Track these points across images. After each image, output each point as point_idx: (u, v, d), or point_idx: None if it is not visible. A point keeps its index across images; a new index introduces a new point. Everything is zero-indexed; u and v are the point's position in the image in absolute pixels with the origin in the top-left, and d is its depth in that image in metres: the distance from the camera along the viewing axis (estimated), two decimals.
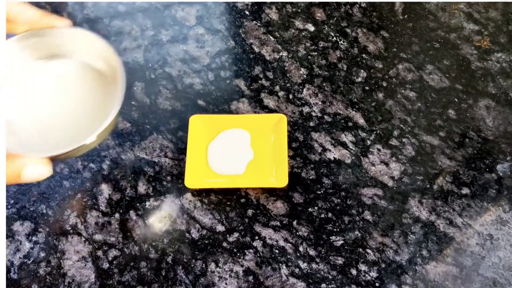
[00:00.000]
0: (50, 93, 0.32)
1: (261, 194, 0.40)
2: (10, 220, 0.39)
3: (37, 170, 0.29)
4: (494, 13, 0.49)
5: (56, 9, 0.49)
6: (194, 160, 0.41)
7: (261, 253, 0.38)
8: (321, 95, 0.44)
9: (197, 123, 0.42)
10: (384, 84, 0.45)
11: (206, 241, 0.38)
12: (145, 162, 0.41)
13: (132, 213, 0.39)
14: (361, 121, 0.43)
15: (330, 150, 0.42)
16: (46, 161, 0.29)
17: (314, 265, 0.37)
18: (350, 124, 0.43)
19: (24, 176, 0.28)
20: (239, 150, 0.42)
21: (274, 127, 0.42)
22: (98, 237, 0.38)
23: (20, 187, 0.40)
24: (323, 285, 0.36)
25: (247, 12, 0.49)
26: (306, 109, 0.44)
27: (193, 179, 0.39)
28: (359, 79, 0.45)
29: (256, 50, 0.47)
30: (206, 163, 0.41)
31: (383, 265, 0.37)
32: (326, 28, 0.48)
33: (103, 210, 0.39)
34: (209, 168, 0.41)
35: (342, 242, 0.38)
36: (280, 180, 0.39)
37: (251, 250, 0.38)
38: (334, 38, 0.47)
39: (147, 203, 0.39)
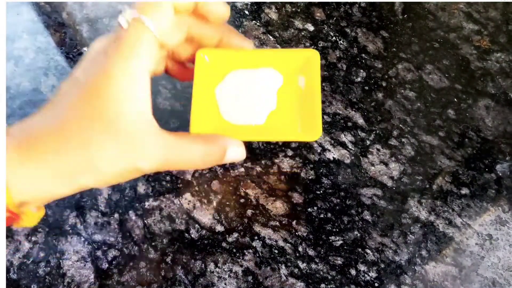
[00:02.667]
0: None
1: (260, 194, 0.40)
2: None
3: (239, 151, 0.31)
4: (494, 12, 0.49)
5: (56, 9, 0.49)
6: (201, 105, 0.33)
7: (260, 253, 0.38)
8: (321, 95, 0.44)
9: (205, 61, 0.34)
10: (384, 84, 0.45)
11: (206, 241, 0.38)
12: None
13: (131, 213, 0.39)
14: (360, 121, 0.43)
15: (329, 150, 0.42)
16: (242, 144, 0.31)
17: (313, 265, 0.37)
18: (349, 124, 0.43)
19: (227, 157, 0.30)
20: (258, 96, 0.34)
21: (303, 67, 0.34)
22: (97, 237, 0.38)
23: None
24: (322, 285, 0.36)
25: (246, 12, 0.49)
26: None
27: (200, 125, 0.32)
28: (359, 79, 0.45)
29: None
30: (217, 110, 0.33)
31: (383, 265, 0.37)
32: (325, 28, 0.48)
33: (102, 210, 0.39)
34: (220, 117, 0.33)
35: (341, 242, 0.38)
36: (311, 131, 0.32)
37: (250, 250, 0.38)
38: (334, 38, 0.47)
39: (147, 203, 0.39)
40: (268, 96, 0.34)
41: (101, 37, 0.29)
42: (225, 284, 0.36)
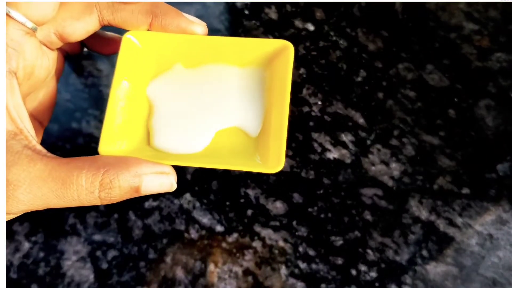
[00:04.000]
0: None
1: (260, 194, 0.40)
2: (10, 220, 0.39)
3: (163, 181, 0.23)
4: (494, 12, 0.49)
5: None
6: (122, 113, 0.24)
7: (260, 253, 0.37)
8: (321, 94, 0.44)
9: (134, 47, 0.24)
10: (384, 83, 0.45)
11: (205, 241, 0.38)
12: None
13: (131, 213, 0.39)
14: (361, 120, 0.43)
15: (329, 150, 0.42)
16: (171, 170, 0.23)
17: (313, 265, 0.37)
18: (349, 123, 0.43)
19: (144, 189, 0.22)
20: (203, 107, 0.24)
21: (269, 64, 0.25)
22: (97, 237, 0.38)
23: None
24: (323, 285, 0.36)
25: (246, 12, 0.49)
26: (305, 109, 0.43)
27: (114, 146, 0.23)
28: (359, 79, 0.45)
29: None
30: (144, 124, 0.24)
31: (383, 265, 0.37)
32: (326, 28, 0.48)
33: (102, 210, 0.39)
34: (147, 136, 0.24)
35: (341, 242, 0.38)
36: (271, 161, 0.23)
37: (250, 250, 0.38)
38: (334, 37, 0.47)
39: (146, 203, 0.39)
40: (217, 108, 0.24)
41: None
42: (225, 284, 0.36)
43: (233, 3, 0.50)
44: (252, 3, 0.50)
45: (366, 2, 0.49)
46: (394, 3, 0.50)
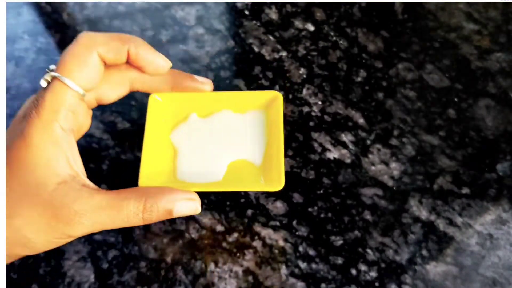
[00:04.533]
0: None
1: (260, 194, 0.40)
2: None
3: (190, 206, 0.28)
4: (494, 12, 0.49)
5: (57, 10, 0.50)
6: (154, 154, 0.31)
7: (260, 253, 0.38)
8: (321, 94, 0.44)
9: (159, 104, 0.31)
10: (384, 83, 0.45)
11: (206, 241, 0.38)
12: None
13: None
14: (361, 120, 0.43)
15: (329, 150, 0.42)
16: (196, 197, 0.28)
17: (313, 265, 0.37)
18: (350, 124, 0.43)
19: (176, 212, 0.27)
20: (217, 147, 0.31)
21: (265, 110, 0.33)
22: (97, 237, 0.38)
23: None
24: (323, 285, 0.36)
25: (246, 12, 0.49)
26: (305, 109, 0.44)
27: (152, 180, 0.30)
28: (359, 79, 0.45)
29: (256, 50, 0.47)
30: (171, 162, 0.31)
31: (383, 265, 0.37)
32: (326, 28, 0.48)
33: None
34: (174, 171, 0.31)
35: (341, 242, 0.38)
36: (274, 181, 0.30)
37: (250, 250, 0.38)
38: (334, 38, 0.47)
39: None
40: (228, 144, 0.31)
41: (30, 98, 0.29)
42: (225, 284, 0.36)
43: (234, 3, 0.50)
44: (252, 3, 0.50)
45: (366, 2, 0.50)
46: (394, 3, 0.50)
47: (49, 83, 0.26)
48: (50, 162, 0.25)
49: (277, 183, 0.29)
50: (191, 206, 0.28)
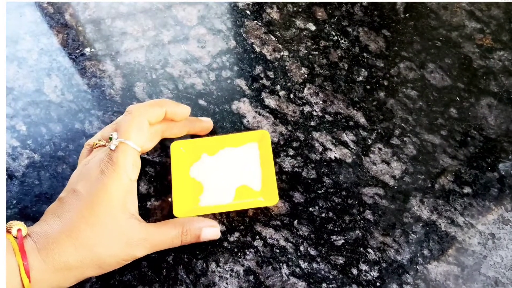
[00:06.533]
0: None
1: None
2: (12, 220, 0.39)
3: (213, 231, 0.37)
4: (496, 11, 0.48)
5: (59, 10, 0.50)
6: (181, 189, 0.39)
7: (261, 253, 0.38)
8: (322, 94, 0.44)
9: (179, 151, 0.41)
10: (386, 83, 0.45)
11: (207, 241, 0.38)
12: (146, 162, 0.41)
13: None
14: (362, 120, 0.43)
15: (331, 150, 0.42)
16: (216, 224, 0.38)
17: (314, 265, 0.37)
18: (351, 123, 0.43)
19: (203, 236, 0.36)
20: (227, 175, 0.40)
21: (258, 141, 0.41)
22: None
23: (22, 187, 0.40)
24: (324, 284, 0.36)
25: (248, 12, 0.49)
26: (307, 109, 0.44)
27: (182, 210, 0.38)
28: (360, 78, 0.45)
29: (257, 49, 0.47)
30: (193, 193, 0.40)
31: (384, 265, 0.37)
32: (327, 27, 0.48)
33: None
34: (197, 199, 0.39)
35: (343, 241, 0.38)
36: (271, 198, 0.38)
37: (251, 250, 0.38)
38: (335, 37, 0.47)
39: (148, 203, 0.40)
40: (234, 173, 0.40)
41: (85, 155, 0.37)
42: (227, 283, 0.36)
43: (235, 3, 0.50)
44: (253, 3, 0.50)
45: (367, 1, 0.49)
46: (395, 2, 0.49)
47: (116, 146, 0.34)
48: (122, 205, 0.34)
49: (274, 200, 0.38)
50: (214, 232, 0.37)
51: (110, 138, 0.35)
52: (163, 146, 0.42)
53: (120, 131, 0.35)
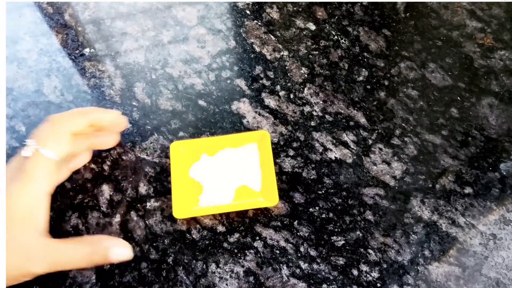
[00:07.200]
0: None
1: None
2: None
3: (123, 252, 0.34)
4: (497, 10, 0.48)
5: (58, 11, 0.50)
6: (180, 189, 0.39)
7: (261, 254, 0.37)
8: (322, 94, 0.44)
9: (178, 151, 0.40)
10: (386, 82, 0.45)
11: (207, 242, 0.38)
12: (146, 163, 0.41)
13: (133, 214, 0.39)
14: (362, 120, 0.43)
15: (331, 150, 0.41)
16: (127, 245, 0.34)
17: (315, 266, 0.37)
18: (351, 123, 0.43)
19: (111, 257, 0.33)
20: (227, 176, 0.40)
21: (258, 142, 0.41)
22: None
23: None
24: (324, 285, 0.36)
25: (248, 12, 0.49)
26: (307, 109, 0.43)
27: (181, 211, 0.38)
28: (361, 78, 0.45)
29: (257, 49, 0.47)
30: (193, 193, 0.39)
31: (385, 266, 0.37)
32: (327, 27, 0.48)
33: (104, 211, 0.39)
34: (197, 199, 0.39)
35: (343, 242, 0.38)
36: (271, 199, 0.38)
37: (251, 251, 0.38)
38: (335, 37, 0.47)
39: (148, 204, 0.39)
40: (233, 174, 0.40)
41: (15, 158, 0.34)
42: (227, 284, 0.36)
43: (235, 3, 0.50)
44: (253, 3, 0.50)
45: (367, 1, 0.49)
46: (395, 1, 0.49)
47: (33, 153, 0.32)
48: (27, 217, 0.31)
49: (274, 200, 0.38)
50: (125, 252, 0.34)
51: (24, 145, 0.33)
52: (163, 146, 0.42)
53: (37, 139, 0.33)
